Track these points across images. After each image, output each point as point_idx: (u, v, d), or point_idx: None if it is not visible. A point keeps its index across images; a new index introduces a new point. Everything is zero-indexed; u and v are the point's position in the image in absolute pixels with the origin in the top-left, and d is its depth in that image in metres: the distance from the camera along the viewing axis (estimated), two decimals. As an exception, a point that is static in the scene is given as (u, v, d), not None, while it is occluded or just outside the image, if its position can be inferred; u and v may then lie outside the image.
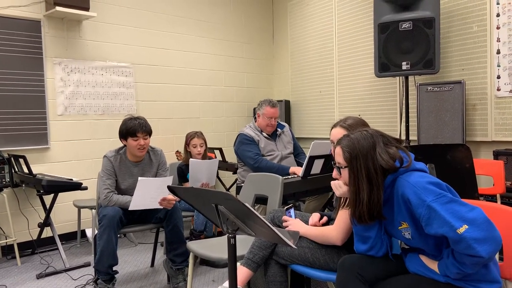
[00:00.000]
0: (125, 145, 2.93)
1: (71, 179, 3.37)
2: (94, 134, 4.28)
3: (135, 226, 2.89)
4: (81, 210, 4.00)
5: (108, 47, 4.37)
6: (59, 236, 3.52)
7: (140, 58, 4.60)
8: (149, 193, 2.69)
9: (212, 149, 4.49)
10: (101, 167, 2.90)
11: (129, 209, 2.72)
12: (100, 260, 2.65)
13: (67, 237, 4.11)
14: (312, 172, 2.97)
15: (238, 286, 1.88)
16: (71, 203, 4.03)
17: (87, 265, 3.43)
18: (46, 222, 3.46)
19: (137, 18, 4.57)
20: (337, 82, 4.93)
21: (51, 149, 4.00)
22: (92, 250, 3.69)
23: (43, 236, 3.70)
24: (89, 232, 4.12)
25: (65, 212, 4.10)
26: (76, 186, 3.32)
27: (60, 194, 3.46)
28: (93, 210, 3.65)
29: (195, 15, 5.04)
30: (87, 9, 3.96)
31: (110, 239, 2.63)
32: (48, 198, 3.48)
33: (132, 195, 2.76)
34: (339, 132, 2.03)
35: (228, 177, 5.11)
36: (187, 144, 3.70)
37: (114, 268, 2.74)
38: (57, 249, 3.46)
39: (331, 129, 2.13)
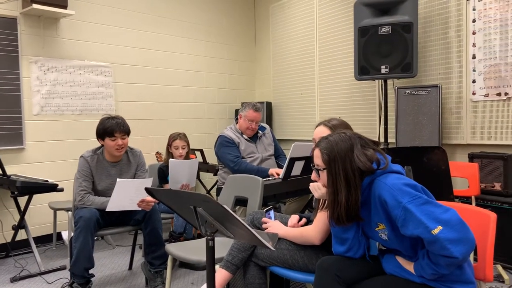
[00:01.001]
0: (102, 145, 2.88)
1: (47, 181, 3.29)
2: (71, 135, 4.19)
3: (112, 228, 2.84)
4: (57, 212, 3.91)
5: (86, 46, 4.29)
6: (34, 238, 3.43)
7: (119, 58, 4.53)
8: (128, 195, 2.65)
9: (193, 150, 4.46)
10: (77, 168, 2.84)
11: (106, 210, 2.67)
12: (76, 263, 2.59)
13: (42, 240, 4.01)
14: (293, 174, 2.98)
15: (216, 289, 1.87)
16: (46, 205, 3.94)
17: (62, 268, 3.36)
18: (21, 225, 3.37)
19: (117, 17, 4.51)
20: (318, 84, 4.97)
21: (27, 150, 3.90)
22: (68, 253, 3.61)
23: (17, 238, 3.60)
24: (65, 235, 4.04)
25: (40, 214, 4.01)
26: (51, 187, 3.25)
27: (35, 196, 3.37)
28: (69, 212, 3.58)
29: (176, 15, 5.01)
30: (65, 7, 3.89)
31: (86, 242, 2.58)
32: (22, 200, 3.39)
33: (109, 196, 2.72)
34: (322, 131, 2.07)
35: (209, 178, 5.09)
36: (169, 145, 3.66)
37: (90, 272, 2.68)
38: (32, 252, 3.37)
39: (315, 128, 2.16)
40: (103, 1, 4.39)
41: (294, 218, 2.17)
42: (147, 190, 1.58)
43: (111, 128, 2.77)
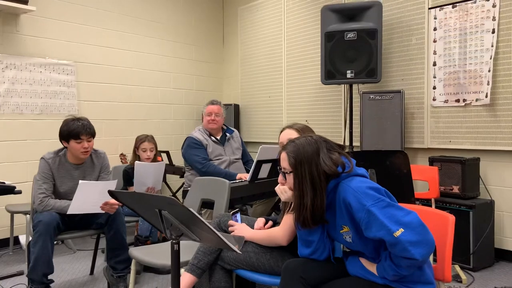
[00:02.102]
0: (65, 147, 2.79)
1: (4, 182, 3.13)
2: (31, 135, 4.03)
3: (74, 232, 2.76)
4: (14, 215, 3.75)
5: (48, 43, 4.14)
6: (-11, 243, 3.28)
7: (83, 56, 4.40)
8: (90, 197, 2.57)
9: (159, 152, 4.38)
10: (38, 170, 2.73)
11: (68, 213, 2.58)
12: (34, 268, 2.49)
13: (-2, 245, 3.84)
14: (260, 176, 2.99)
15: (181, 293, 1.84)
16: (3, 207, 3.76)
17: (20, 273, 3.22)
18: (-26, 229, 3.21)
19: (81, 14, 4.38)
20: (286, 87, 5.01)
21: (-18, 150, 3.72)
22: (25, 258, 3.46)
23: (-30, 243, 3.43)
24: (22, 239, 3.87)
25: (-3, 218, 3.83)
26: (9, 190, 3.09)
27: (-9, 199, 3.22)
28: (28, 216, 3.44)
29: (143, 14, 4.92)
30: (25, 2, 3.74)
31: (45, 246, 2.48)
32: (-24, 203, 3.23)
33: (71, 199, 2.63)
34: (289, 133, 2.11)
35: (175, 181, 5.02)
36: (136, 147, 3.58)
37: (49, 277, 2.59)
38: (-14, 257, 3.22)
39: (281, 132, 2.19)
40: (67, -3, 4.26)
41: (260, 221, 2.17)
42: (111, 193, 1.54)
43: (76, 131, 2.68)
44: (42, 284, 2.53)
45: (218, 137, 3.69)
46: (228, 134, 3.75)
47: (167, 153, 4.61)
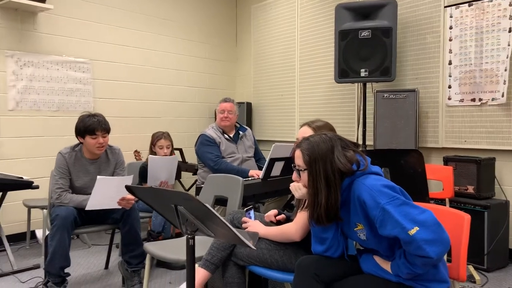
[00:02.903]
0: (81, 143, 2.84)
1: (21, 177, 3.21)
2: (48, 131, 4.10)
3: (89, 227, 2.80)
4: (31, 210, 3.83)
5: (65, 41, 4.21)
6: (7, 237, 3.34)
7: (99, 54, 4.46)
8: (108, 193, 2.61)
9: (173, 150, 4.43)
10: (55, 165, 2.79)
11: (86, 209, 2.62)
12: (51, 261, 2.54)
13: (16, 238, 3.91)
14: (272, 174, 3.00)
15: (195, 288, 1.86)
16: (20, 202, 3.84)
17: (36, 267, 3.28)
18: (-7, 223, 3.28)
19: (97, 12, 4.44)
20: (298, 86, 5.01)
21: (1, 145, 3.79)
22: (42, 252, 3.53)
23: (-11, 237, 3.50)
24: (39, 233, 3.95)
25: (14, 212, 3.90)
26: (26, 184, 3.16)
27: (9, 193, 3.28)
28: (44, 210, 3.50)
29: (157, 12, 4.96)
30: (43, 1, 3.81)
31: (62, 240, 2.53)
32: (-5, 197, 3.30)
33: (87, 193, 2.68)
34: (305, 131, 2.11)
35: (187, 178, 5.06)
36: (152, 144, 3.63)
37: (66, 270, 2.63)
38: (5, 250, 3.28)
39: (300, 128, 2.20)
40: (83, -4, 4.32)
41: (272, 211, 2.19)
42: (128, 188, 1.57)
43: (92, 126, 2.73)
44: (59, 277, 2.58)
45: (231, 135, 3.71)
46: (241, 132, 3.77)
47: (180, 150, 4.65)
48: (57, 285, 2.58)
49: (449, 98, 3.73)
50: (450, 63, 3.72)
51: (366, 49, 3.70)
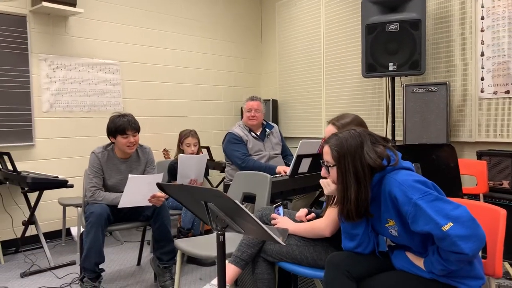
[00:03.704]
0: (113, 142, 2.91)
1: (57, 177, 3.32)
2: (80, 132, 4.23)
3: (122, 224, 2.88)
4: (66, 208, 3.96)
5: (94, 43, 4.32)
6: (44, 234, 3.47)
7: (127, 56, 4.56)
8: (139, 191, 2.67)
9: (200, 148, 4.48)
10: (88, 164, 2.87)
11: (119, 206, 2.69)
12: (87, 258, 2.62)
13: (52, 236, 4.06)
14: (300, 171, 2.99)
15: (226, 284, 1.89)
16: (56, 201, 3.98)
17: (72, 263, 3.40)
18: (31, 220, 3.41)
19: (124, 15, 4.53)
20: (325, 82, 4.97)
21: (36, 146, 3.94)
22: (77, 249, 3.65)
23: (27, 234, 3.64)
24: (74, 230, 4.08)
25: (50, 210, 4.05)
26: (61, 183, 3.28)
27: (45, 192, 3.40)
28: (79, 208, 3.62)
29: (183, 13, 5.02)
30: (73, 5, 3.92)
31: (97, 237, 2.61)
32: (32, 196, 3.43)
33: (119, 192, 2.75)
34: (330, 130, 2.08)
35: (215, 175, 5.11)
36: (180, 142, 3.69)
37: (101, 266, 2.71)
38: (42, 247, 3.41)
39: (327, 125, 2.18)
40: (111, -1, 4.42)
41: (302, 211, 2.18)
42: (159, 185, 1.60)
43: (122, 126, 2.80)
44: (94, 272, 2.66)
45: (258, 133, 3.72)
46: (268, 130, 3.77)
47: (208, 148, 4.70)
48: (92, 280, 2.66)
49: (482, 91, 3.62)
50: (482, 54, 3.61)
51: (394, 43, 3.63)
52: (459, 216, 1.41)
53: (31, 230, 3.62)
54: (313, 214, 2.15)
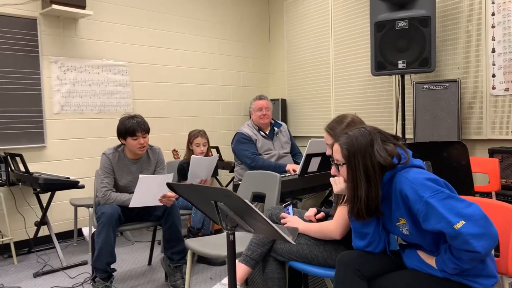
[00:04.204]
0: (123, 143, 2.93)
1: (68, 178, 3.36)
2: (91, 133, 4.27)
3: (133, 224, 2.89)
4: (78, 208, 4.00)
5: (104, 45, 4.36)
6: (56, 234, 3.51)
7: (136, 57, 4.59)
8: (150, 191, 2.69)
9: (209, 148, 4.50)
10: (99, 165, 2.90)
11: (129, 206, 2.71)
12: (98, 257, 2.64)
13: (64, 236, 4.10)
14: (309, 170, 2.99)
15: (236, 283, 1.89)
16: (67, 201, 4.02)
17: (84, 263, 3.43)
18: (43, 221, 3.45)
19: (133, 16, 4.56)
20: (333, 80, 4.95)
21: (48, 148, 3.98)
22: (88, 249, 3.68)
23: (39, 234, 3.69)
24: (85, 231, 4.12)
25: (62, 211, 4.09)
26: (73, 184, 3.31)
27: (57, 193, 3.45)
28: (90, 209, 3.65)
29: (191, 13, 5.04)
30: (83, 7, 3.95)
31: (108, 237, 2.63)
32: (44, 197, 3.47)
33: (130, 192, 2.77)
34: (326, 137, 2.07)
35: (224, 175, 5.12)
36: (190, 142, 3.70)
37: (112, 266, 2.73)
38: (54, 247, 3.45)
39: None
40: (119, 1, 4.45)
41: (311, 210, 2.18)
42: (169, 185, 1.61)
43: (132, 128, 2.81)
44: (105, 272, 2.68)
45: (267, 132, 3.72)
46: (276, 128, 3.77)
47: (217, 148, 4.71)
48: (104, 280, 2.68)
49: (493, 88, 3.57)
50: (493, 51, 3.56)
51: (403, 40, 3.61)
52: (472, 214, 1.39)
53: (44, 231, 3.66)
54: (322, 214, 2.14)
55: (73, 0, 3.85)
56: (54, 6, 3.73)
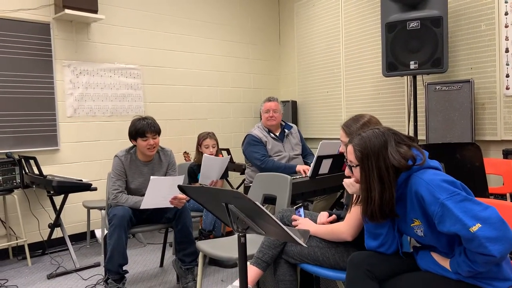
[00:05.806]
0: (135, 145, 2.96)
1: (81, 180, 3.39)
2: (103, 136, 4.31)
3: (144, 226, 2.91)
4: (91, 210, 4.03)
5: (116, 49, 4.40)
6: (69, 236, 3.54)
7: (147, 60, 4.63)
8: (161, 192, 2.70)
9: (220, 150, 4.50)
10: (112, 167, 2.92)
11: (141, 207, 2.73)
12: (111, 259, 2.66)
13: (77, 238, 4.14)
14: (320, 172, 2.97)
15: (248, 285, 1.88)
16: (80, 204, 4.06)
17: (97, 265, 3.46)
18: (57, 223, 3.49)
19: (144, 20, 4.60)
20: (344, 82, 4.92)
21: (61, 151, 4.03)
22: (101, 251, 3.71)
23: (53, 236, 3.74)
24: (98, 233, 4.15)
25: (75, 213, 4.13)
26: (85, 187, 3.35)
27: (70, 195, 3.48)
28: (103, 211, 3.68)
29: (201, 16, 5.07)
30: (95, 11, 4.00)
31: (120, 238, 2.65)
32: (58, 199, 3.51)
33: (142, 194, 2.78)
34: (341, 134, 2.07)
35: (235, 177, 5.12)
36: (199, 144, 3.72)
37: (124, 268, 2.75)
38: (67, 249, 3.48)
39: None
40: (131, 5, 4.49)
41: (323, 215, 2.16)
42: (180, 187, 1.61)
43: (142, 129, 2.84)
44: (118, 274, 2.70)
45: (277, 134, 3.71)
46: (286, 130, 3.76)
47: (228, 150, 4.72)
48: (117, 282, 2.70)
49: (507, 88, 3.52)
50: (507, 51, 3.51)
51: (415, 41, 3.57)
52: (488, 217, 1.37)
53: (57, 233, 3.70)
54: (334, 216, 2.13)
55: (86, 4, 3.90)
56: (67, 11, 3.78)
